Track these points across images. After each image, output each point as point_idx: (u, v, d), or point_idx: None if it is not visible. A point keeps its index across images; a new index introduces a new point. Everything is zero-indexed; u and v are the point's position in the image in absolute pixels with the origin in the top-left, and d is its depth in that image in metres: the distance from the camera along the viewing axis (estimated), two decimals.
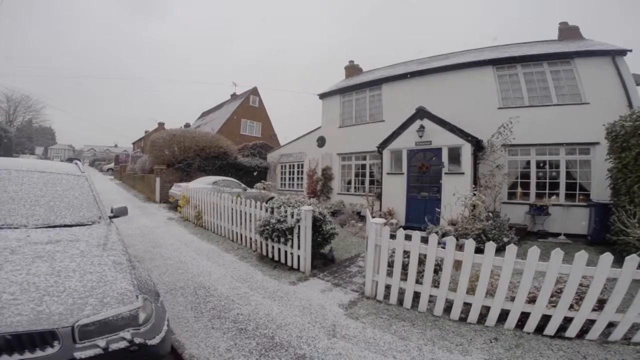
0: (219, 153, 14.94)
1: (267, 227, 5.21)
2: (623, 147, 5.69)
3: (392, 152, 9.67)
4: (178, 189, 10.51)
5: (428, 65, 11.34)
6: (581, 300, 2.99)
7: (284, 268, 5.09)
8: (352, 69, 15.98)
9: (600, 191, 7.42)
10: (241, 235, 6.46)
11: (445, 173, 8.46)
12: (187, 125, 31.77)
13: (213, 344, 2.87)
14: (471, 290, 3.41)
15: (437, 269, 3.71)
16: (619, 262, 2.89)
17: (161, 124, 35.36)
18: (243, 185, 11.89)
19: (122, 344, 1.80)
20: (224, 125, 23.93)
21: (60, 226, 2.76)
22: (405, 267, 3.79)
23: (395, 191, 9.39)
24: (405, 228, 6.29)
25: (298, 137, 14.87)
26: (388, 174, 9.69)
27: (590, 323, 3.01)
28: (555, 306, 3.06)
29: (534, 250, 3.10)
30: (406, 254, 3.79)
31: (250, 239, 6.11)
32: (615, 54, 8.07)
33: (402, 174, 9.31)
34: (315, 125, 14.11)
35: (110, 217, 3.43)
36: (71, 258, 2.21)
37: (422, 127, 8.87)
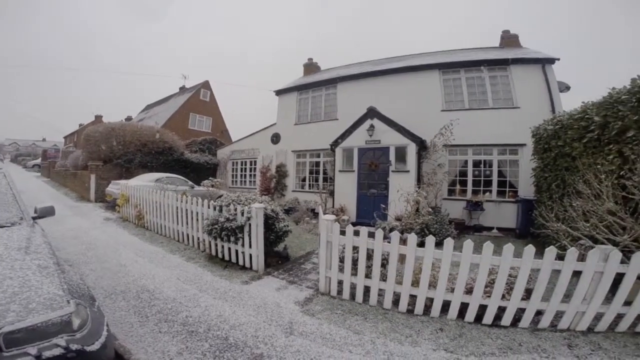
0: (163, 148, 14.06)
1: (216, 226, 5.03)
2: (545, 148, 6.37)
3: (344, 150, 9.90)
4: (116, 187, 9.69)
5: (381, 67, 11.78)
6: (511, 290, 3.26)
7: (235, 268, 4.95)
8: (311, 67, 16.05)
9: (527, 188, 8.23)
10: (188, 235, 6.16)
11: (392, 171, 8.88)
12: (128, 119, 29.42)
13: (162, 348, 2.72)
14: (416, 283, 3.58)
15: (385, 263, 3.84)
16: (542, 253, 3.17)
17: (98, 117, 32.31)
18: (190, 183, 11.31)
19: (57, 351, 1.66)
20: (170, 120, 22.48)
21: None
22: (355, 262, 3.88)
23: (346, 188, 9.63)
24: (356, 224, 6.49)
25: (251, 133, 14.53)
26: (340, 171, 9.90)
27: (521, 312, 3.28)
28: (489, 296, 3.31)
29: (468, 244, 3.32)
30: (355, 249, 3.89)
31: (198, 238, 5.86)
32: (545, 62, 8.97)
33: (353, 171, 9.58)
34: (271, 124, 13.89)
35: (34, 218, 3.11)
36: None
37: (372, 126, 9.21)
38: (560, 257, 3.14)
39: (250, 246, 4.86)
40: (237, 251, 5.03)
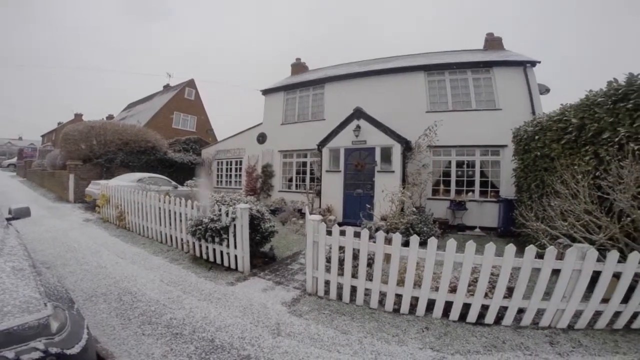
0: (146, 147, 13.80)
1: (200, 227, 4.95)
2: (525, 149, 6.53)
3: (330, 150, 9.92)
4: (96, 187, 9.41)
5: (368, 68, 11.86)
6: (494, 289, 3.31)
7: (220, 269, 4.88)
8: (298, 67, 16.02)
9: (508, 188, 8.46)
10: (171, 236, 6.04)
11: (378, 171, 8.96)
12: (110, 117, 28.69)
13: (146, 350, 2.66)
14: (401, 282, 3.60)
15: (371, 263, 3.86)
16: (522, 252, 3.24)
17: (78, 115, 31.40)
18: (173, 183, 11.10)
19: (36, 355, 1.60)
20: (153, 118, 21.99)
21: None
22: (341, 262, 3.89)
23: (333, 188, 9.65)
24: (342, 224, 6.51)
25: (237, 133, 14.37)
26: (327, 171, 9.92)
27: (503, 310, 3.34)
28: (473, 295, 3.36)
29: (451, 243, 3.37)
30: (342, 249, 3.89)
31: (182, 240, 5.75)
32: (527, 65, 9.21)
33: (340, 171, 9.61)
34: (257, 124, 13.76)
35: (8, 219, 2.99)
36: None
37: (358, 127, 9.27)
38: (540, 256, 3.20)
39: (235, 247, 4.80)
40: (222, 252, 4.96)
